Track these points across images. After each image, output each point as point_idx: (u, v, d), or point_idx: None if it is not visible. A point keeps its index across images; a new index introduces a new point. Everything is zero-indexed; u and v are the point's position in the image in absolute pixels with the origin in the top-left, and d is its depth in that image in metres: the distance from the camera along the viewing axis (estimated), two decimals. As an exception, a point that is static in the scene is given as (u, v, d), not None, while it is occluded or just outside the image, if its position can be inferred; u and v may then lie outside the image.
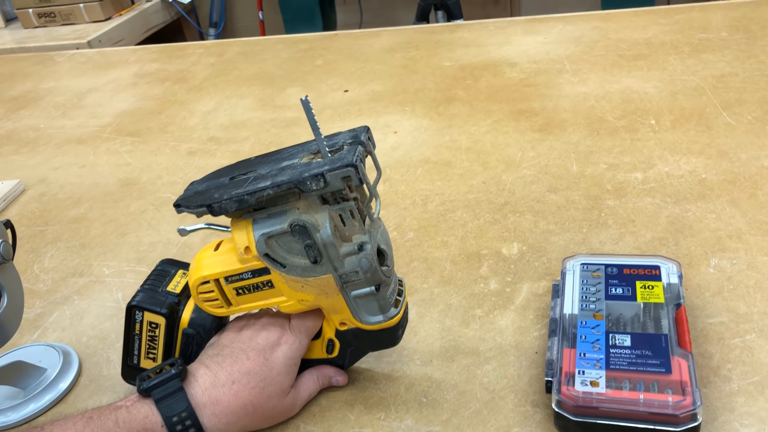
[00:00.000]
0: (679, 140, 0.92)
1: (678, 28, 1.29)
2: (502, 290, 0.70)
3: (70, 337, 0.74)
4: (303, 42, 1.56)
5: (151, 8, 2.85)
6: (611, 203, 0.81)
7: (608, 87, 1.10)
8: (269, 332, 0.57)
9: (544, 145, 0.96)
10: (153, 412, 0.52)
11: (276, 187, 0.48)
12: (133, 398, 0.53)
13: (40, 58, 1.78)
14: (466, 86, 1.19)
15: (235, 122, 1.20)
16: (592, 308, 0.61)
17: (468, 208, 0.85)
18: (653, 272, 0.63)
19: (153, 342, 0.60)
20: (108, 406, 0.52)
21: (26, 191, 1.08)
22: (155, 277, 0.61)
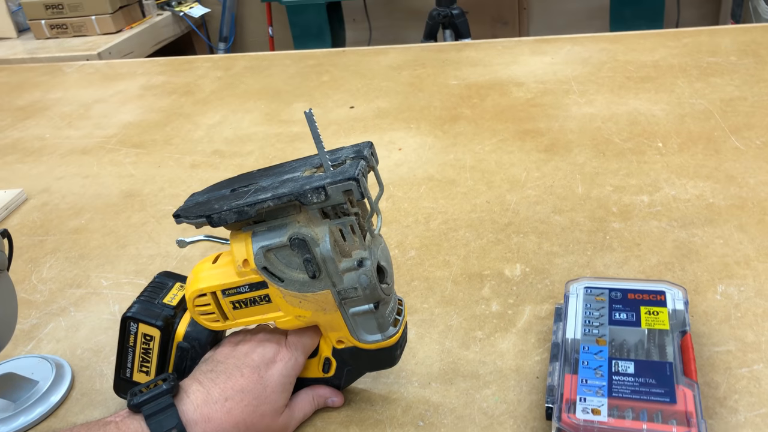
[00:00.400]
0: (687, 164, 0.90)
1: (686, 51, 1.28)
2: (504, 312, 0.69)
3: (65, 349, 0.73)
4: (310, 58, 1.56)
5: (161, 21, 2.87)
6: (616, 226, 0.80)
7: (615, 108, 1.09)
8: (265, 349, 0.56)
9: (550, 166, 0.95)
10: (143, 429, 0.50)
11: (276, 199, 0.48)
12: (123, 414, 0.52)
13: (49, 68, 1.79)
14: (472, 105, 1.18)
15: (240, 136, 1.20)
16: (595, 333, 0.60)
17: (471, 227, 0.84)
18: (658, 298, 0.62)
19: (147, 355, 0.59)
20: (97, 422, 0.51)
21: (28, 200, 1.07)
22: (152, 289, 0.60)
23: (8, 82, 1.71)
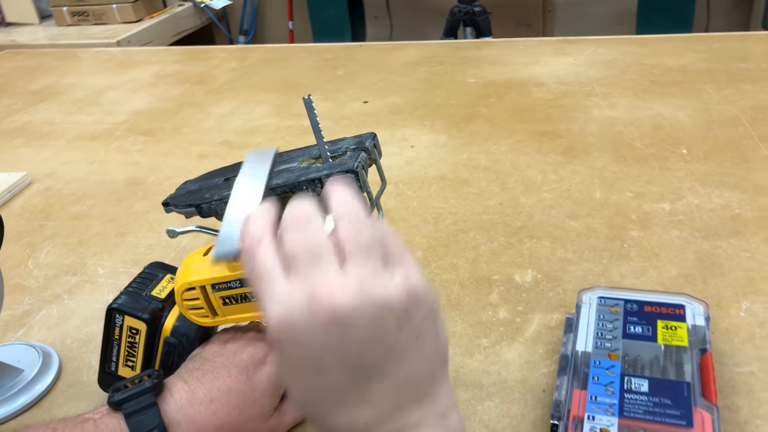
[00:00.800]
0: (712, 172, 0.86)
1: (716, 56, 1.23)
2: (512, 320, 0.65)
3: (54, 338, 0.70)
4: (327, 52, 1.54)
5: (182, 12, 2.86)
6: (635, 234, 0.76)
7: (638, 113, 1.05)
8: (255, 348, 0.53)
9: (567, 169, 0.91)
10: (122, 427, 0.47)
11: (270, 190, 0.45)
12: (103, 410, 0.49)
13: (65, 53, 1.78)
14: (490, 104, 1.15)
15: (249, 127, 1.17)
16: (607, 347, 0.56)
17: (482, 229, 0.80)
18: (677, 312, 0.58)
19: (132, 349, 0.56)
20: (75, 418, 0.48)
21: (32, 184, 1.05)
22: (141, 280, 0.58)
23: (24, 66, 1.70)
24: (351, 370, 0.34)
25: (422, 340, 0.35)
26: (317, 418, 0.36)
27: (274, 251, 0.35)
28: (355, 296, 0.32)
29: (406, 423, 0.35)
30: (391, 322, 0.33)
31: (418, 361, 0.35)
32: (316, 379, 0.34)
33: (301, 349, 0.33)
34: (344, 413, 0.35)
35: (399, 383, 0.35)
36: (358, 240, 0.34)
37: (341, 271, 0.33)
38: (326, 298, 0.32)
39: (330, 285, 0.32)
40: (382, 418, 0.35)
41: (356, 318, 0.32)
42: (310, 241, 0.34)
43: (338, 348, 0.33)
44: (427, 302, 0.35)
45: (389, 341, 0.33)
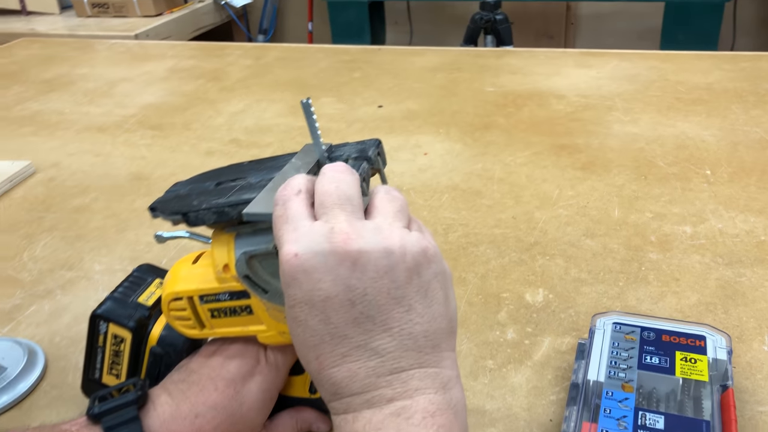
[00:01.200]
0: (737, 195, 0.82)
1: (743, 75, 1.19)
2: (520, 342, 0.62)
3: (43, 335, 0.68)
4: (344, 53, 1.51)
5: (203, 8, 2.85)
6: (654, 257, 0.72)
7: (661, 130, 1.01)
8: (243, 361, 0.50)
9: (585, 185, 0.87)
10: (100, 442, 0.45)
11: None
12: (81, 422, 0.46)
13: (81, 44, 1.77)
14: (507, 114, 1.11)
15: (261, 126, 1.15)
16: (621, 377, 0.52)
17: (493, 243, 0.77)
18: (698, 343, 0.55)
19: (117, 357, 0.53)
20: (52, 428, 0.45)
21: (36, 174, 1.03)
22: (128, 285, 0.54)
23: (39, 55, 1.69)
24: (358, 313, 0.34)
25: (430, 298, 0.35)
26: (320, 367, 0.36)
27: (306, 204, 0.37)
28: (371, 238, 0.34)
29: (407, 387, 0.35)
30: (401, 272, 0.34)
31: (423, 319, 0.35)
32: (322, 321, 0.35)
33: (313, 285, 0.34)
34: (346, 363, 0.35)
35: (403, 338, 0.35)
36: (389, 201, 0.37)
37: (365, 220, 0.36)
38: (343, 235, 0.34)
39: (349, 225, 0.34)
40: (382, 374, 0.35)
41: (369, 258, 0.34)
42: (342, 188, 0.36)
43: (348, 287, 0.34)
44: (438, 263, 0.36)
45: (398, 291, 0.34)
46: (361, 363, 0.35)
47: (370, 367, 0.35)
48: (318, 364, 0.36)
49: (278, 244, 0.36)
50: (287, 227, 0.36)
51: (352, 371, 0.35)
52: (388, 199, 0.38)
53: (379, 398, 0.35)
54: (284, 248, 0.35)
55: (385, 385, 0.35)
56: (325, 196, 0.36)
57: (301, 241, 0.35)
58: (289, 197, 0.37)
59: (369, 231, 0.35)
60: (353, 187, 0.37)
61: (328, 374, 0.36)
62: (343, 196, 0.36)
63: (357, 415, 0.35)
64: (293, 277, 0.35)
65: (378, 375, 0.35)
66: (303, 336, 0.36)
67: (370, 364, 0.35)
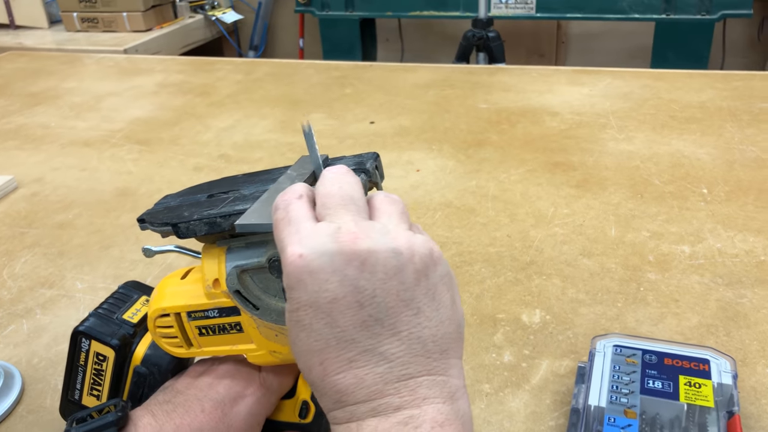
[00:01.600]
0: (735, 214, 0.81)
1: (736, 94, 1.19)
2: (518, 365, 0.60)
3: (20, 356, 0.65)
4: (336, 69, 1.50)
5: (193, 24, 2.84)
6: (652, 277, 0.71)
7: (656, 148, 1.00)
8: (233, 381, 0.47)
9: (581, 203, 0.86)
10: (76, 467, 0.42)
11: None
12: (57, 446, 0.44)
13: (69, 58, 1.74)
14: (501, 131, 1.10)
15: (250, 142, 1.13)
16: (623, 402, 0.50)
17: (488, 262, 0.75)
18: (701, 367, 0.53)
19: (99, 377, 0.51)
20: (25, 453, 0.43)
21: (19, 189, 1.01)
22: (113, 301, 0.52)
23: (26, 68, 1.67)
24: (366, 316, 0.33)
25: (438, 301, 0.34)
26: (324, 373, 0.34)
27: (309, 207, 0.35)
28: (378, 238, 0.33)
29: (415, 395, 0.33)
30: (410, 273, 0.33)
31: (432, 323, 0.34)
32: (328, 324, 0.33)
33: (319, 286, 0.32)
34: (353, 369, 0.33)
35: (411, 343, 0.33)
36: (390, 204, 0.36)
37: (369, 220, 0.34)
38: (350, 235, 0.32)
39: (356, 225, 0.33)
40: (390, 381, 0.33)
41: (377, 259, 0.32)
42: (345, 189, 0.35)
43: (357, 288, 0.32)
44: (443, 265, 0.35)
45: (407, 293, 0.33)
46: (368, 369, 0.33)
47: (377, 373, 0.33)
48: (322, 370, 0.34)
49: (280, 247, 0.34)
50: (290, 229, 0.34)
51: (359, 377, 0.33)
52: (388, 201, 0.36)
53: (386, 406, 0.33)
54: (288, 249, 0.33)
55: (393, 393, 0.33)
56: (328, 198, 0.35)
57: (305, 242, 0.33)
58: (290, 201, 0.36)
59: (376, 231, 0.33)
60: (356, 188, 0.36)
61: (332, 381, 0.33)
62: (347, 196, 0.35)
63: (361, 423, 0.33)
64: (298, 279, 0.33)
65: (386, 382, 0.33)
66: (307, 341, 0.34)
67: (377, 370, 0.33)
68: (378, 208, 0.36)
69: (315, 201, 0.36)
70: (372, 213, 0.36)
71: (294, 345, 0.35)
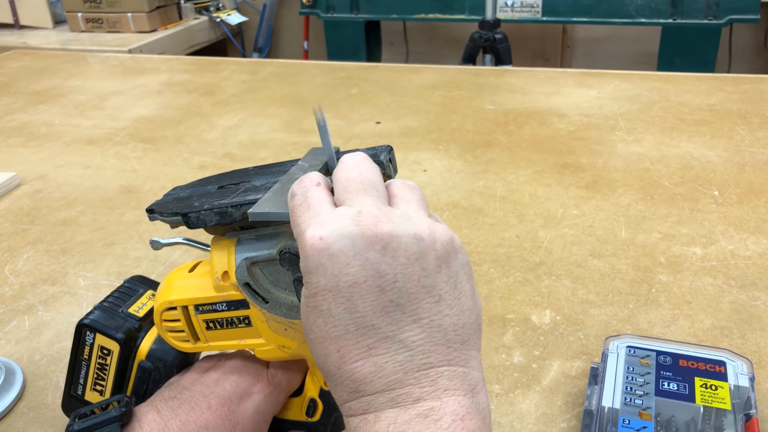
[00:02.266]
0: (747, 217, 0.80)
1: (746, 97, 1.18)
2: (528, 365, 0.59)
3: (22, 353, 0.64)
4: (341, 70, 1.49)
5: (197, 26, 2.84)
6: (664, 278, 0.69)
7: (666, 150, 0.99)
8: (240, 378, 0.46)
9: (590, 204, 0.85)
10: (78, 464, 0.41)
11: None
12: (59, 442, 0.43)
13: (74, 57, 1.74)
14: (508, 132, 1.09)
15: (255, 141, 1.12)
16: (638, 404, 0.49)
17: (497, 263, 0.74)
18: (718, 369, 0.52)
19: (103, 371, 0.50)
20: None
21: (22, 186, 1.00)
22: (118, 295, 0.51)
23: (31, 67, 1.66)
24: (387, 301, 0.32)
25: (459, 290, 0.33)
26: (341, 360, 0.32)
27: (327, 194, 0.35)
28: (400, 223, 0.32)
29: (435, 386, 0.32)
30: (431, 259, 0.32)
31: (453, 311, 0.33)
32: (348, 309, 0.32)
33: (340, 269, 0.31)
34: (372, 357, 0.32)
35: (432, 330, 0.32)
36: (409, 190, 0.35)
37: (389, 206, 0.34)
38: (372, 218, 0.32)
39: (377, 209, 0.32)
40: (410, 370, 0.32)
41: (399, 243, 0.32)
42: (365, 174, 0.35)
43: (378, 272, 0.31)
44: (464, 255, 0.35)
45: (428, 280, 0.32)
46: (388, 357, 0.32)
47: (397, 361, 0.32)
48: (339, 357, 0.32)
49: (298, 231, 0.33)
50: (309, 213, 0.33)
51: (378, 365, 0.32)
52: (407, 188, 0.36)
53: (406, 397, 0.32)
54: (307, 232, 0.32)
55: (413, 383, 0.32)
56: (348, 182, 0.34)
57: (326, 225, 0.32)
58: (309, 187, 0.35)
59: (397, 216, 0.33)
60: (376, 174, 0.35)
61: (350, 369, 0.32)
62: (367, 181, 0.34)
63: (380, 414, 0.32)
64: (318, 263, 0.32)
65: (406, 371, 0.32)
66: (324, 327, 0.33)
67: (398, 358, 0.32)
68: (397, 194, 0.35)
69: (332, 189, 0.35)
70: (391, 200, 0.35)
71: (310, 332, 0.34)
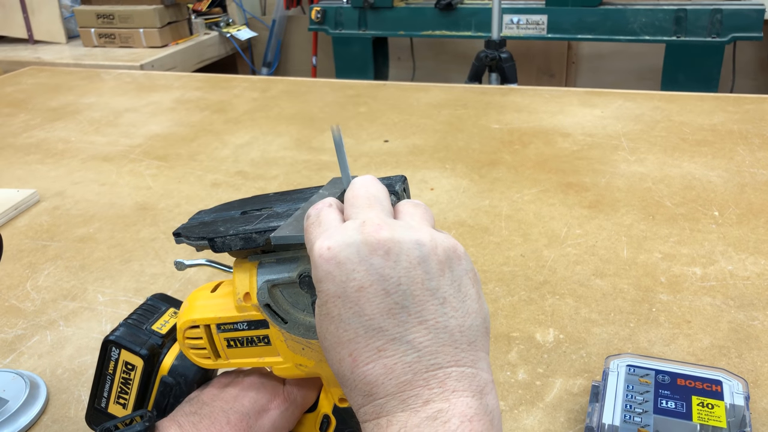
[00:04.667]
0: (746, 237, 0.82)
1: (747, 117, 1.20)
2: (532, 383, 0.61)
3: (45, 367, 0.67)
4: (350, 88, 1.52)
5: (208, 41, 2.88)
6: (664, 298, 0.72)
7: (668, 170, 1.02)
8: (258, 394, 0.49)
9: (593, 224, 0.87)
10: (105, 476, 0.43)
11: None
12: (86, 455, 0.45)
13: (88, 73, 1.78)
14: (514, 151, 1.12)
15: (267, 159, 1.15)
16: (637, 421, 0.51)
17: (502, 281, 0.76)
18: (714, 388, 0.54)
19: (126, 386, 0.52)
20: (55, 461, 0.44)
21: (41, 202, 1.03)
22: (142, 312, 0.54)
23: (47, 83, 1.70)
24: (393, 303, 0.34)
25: (464, 293, 0.35)
26: (354, 364, 0.35)
27: (338, 213, 0.38)
28: (402, 231, 0.34)
29: (444, 387, 0.33)
30: (434, 263, 0.34)
31: (458, 313, 0.35)
32: (357, 313, 0.34)
33: (347, 276, 0.34)
34: (382, 359, 0.34)
35: (438, 331, 0.34)
36: (413, 206, 0.38)
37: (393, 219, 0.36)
38: (374, 226, 0.34)
39: (380, 219, 0.35)
40: (419, 371, 0.33)
41: (401, 248, 0.34)
42: (371, 191, 0.38)
43: (382, 276, 0.34)
44: (468, 262, 0.36)
45: (431, 282, 0.34)
46: (397, 358, 0.33)
47: (406, 362, 0.33)
48: (352, 360, 0.35)
49: (309, 246, 0.36)
50: (319, 229, 0.36)
51: (388, 367, 0.33)
52: (412, 205, 0.39)
53: (415, 399, 0.33)
54: (316, 244, 0.35)
55: (422, 384, 0.33)
56: (355, 199, 0.37)
57: (333, 237, 0.35)
58: (321, 209, 0.38)
59: (399, 225, 0.35)
60: (382, 192, 0.38)
61: (362, 372, 0.34)
62: (372, 197, 0.37)
63: (391, 418, 0.34)
64: (327, 271, 0.34)
65: (414, 372, 0.33)
66: (336, 333, 0.35)
67: (406, 359, 0.33)
68: (402, 210, 0.38)
69: None
70: (397, 215, 0.38)
71: (324, 340, 0.36)
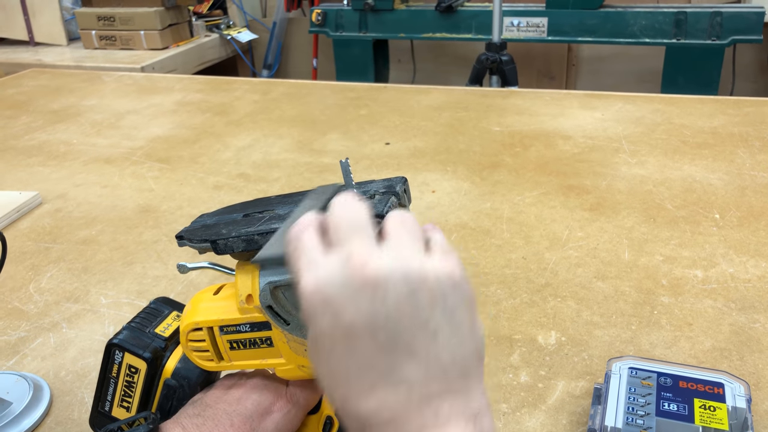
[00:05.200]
0: (747, 240, 0.82)
1: (748, 120, 1.21)
2: (534, 385, 0.61)
3: (48, 369, 0.67)
4: (351, 90, 1.52)
5: (208, 43, 2.89)
6: (666, 300, 0.72)
7: (668, 173, 1.02)
8: (261, 396, 0.49)
9: (594, 226, 0.88)
10: (109, 478, 0.44)
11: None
12: (90, 457, 0.45)
13: (89, 75, 1.78)
14: (515, 153, 1.12)
15: (268, 161, 1.15)
16: (639, 424, 0.52)
17: (504, 284, 0.76)
18: (716, 391, 0.54)
19: (130, 389, 0.52)
20: (60, 463, 0.44)
21: (43, 204, 1.03)
22: (145, 316, 0.54)
23: (48, 86, 1.70)
24: (382, 341, 0.33)
25: (456, 324, 0.34)
26: (346, 399, 0.34)
27: (317, 236, 0.36)
28: (390, 264, 0.33)
29: (437, 417, 0.33)
30: (424, 297, 0.33)
31: (450, 344, 0.34)
32: (347, 351, 0.34)
33: (334, 314, 0.33)
34: (374, 395, 0.33)
35: (429, 365, 0.33)
36: (401, 225, 0.36)
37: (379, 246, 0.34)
38: (360, 261, 0.33)
39: (366, 251, 0.33)
40: (411, 403, 0.33)
41: (389, 285, 0.32)
42: (353, 215, 0.36)
43: (370, 314, 0.33)
44: (463, 288, 0.35)
45: (422, 316, 0.33)
46: (389, 392, 0.33)
47: (399, 396, 0.33)
48: (343, 396, 0.35)
49: (296, 279, 0.35)
50: (302, 260, 0.35)
51: (381, 401, 0.33)
52: (399, 223, 0.36)
53: (410, 429, 0.33)
54: (302, 281, 0.34)
55: (416, 416, 0.33)
56: (339, 223, 0.36)
57: (318, 272, 0.34)
58: (300, 232, 0.37)
59: (387, 256, 0.33)
60: (363, 215, 0.36)
61: (355, 406, 0.34)
62: (355, 224, 0.35)
63: None
64: (314, 309, 0.34)
65: (408, 404, 0.33)
66: (328, 368, 0.35)
67: (399, 392, 0.33)
68: (389, 231, 0.36)
69: None
70: (383, 236, 0.36)
71: (317, 372, 0.36)
